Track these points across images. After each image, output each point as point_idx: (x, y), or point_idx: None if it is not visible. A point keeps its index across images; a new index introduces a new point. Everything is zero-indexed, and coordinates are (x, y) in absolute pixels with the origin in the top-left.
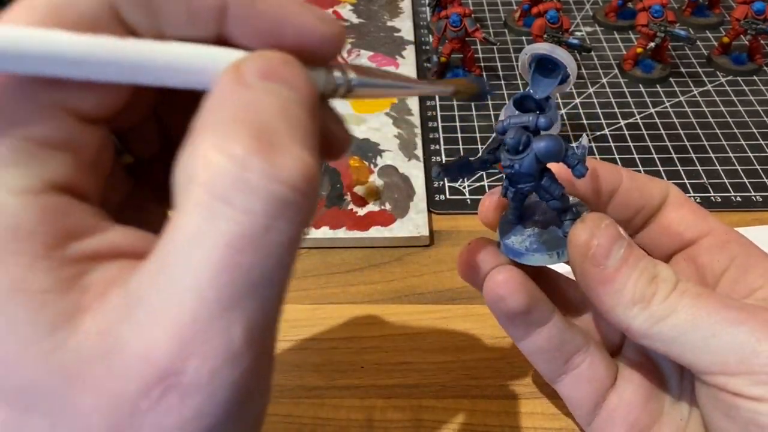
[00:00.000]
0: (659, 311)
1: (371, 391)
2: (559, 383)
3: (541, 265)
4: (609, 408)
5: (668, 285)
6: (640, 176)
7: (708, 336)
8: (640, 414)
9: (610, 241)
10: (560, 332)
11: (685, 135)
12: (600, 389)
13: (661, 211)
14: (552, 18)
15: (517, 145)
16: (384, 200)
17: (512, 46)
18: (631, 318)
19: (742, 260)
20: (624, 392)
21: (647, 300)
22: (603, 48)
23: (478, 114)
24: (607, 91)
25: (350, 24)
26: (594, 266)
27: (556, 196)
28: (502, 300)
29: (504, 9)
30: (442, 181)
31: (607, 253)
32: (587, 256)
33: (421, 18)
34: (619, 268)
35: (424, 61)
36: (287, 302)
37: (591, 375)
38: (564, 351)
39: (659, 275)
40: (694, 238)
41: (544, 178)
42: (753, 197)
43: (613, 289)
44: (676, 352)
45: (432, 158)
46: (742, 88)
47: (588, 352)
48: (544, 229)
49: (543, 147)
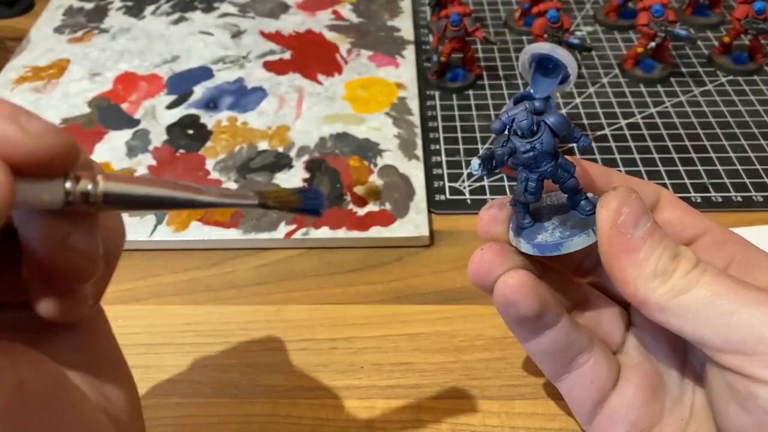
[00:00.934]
0: (680, 284)
1: (371, 391)
2: (561, 382)
3: (582, 247)
4: (610, 408)
5: (690, 262)
6: (631, 179)
7: (726, 313)
8: (641, 414)
9: (639, 212)
10: (567, 334)
11: (685, 135)
12: (602, 389)
13: (655, 213)
14: (552, 17)
15: (531, 125)
16: (384, 200)
17: (512, 45)
18: (651, 290)
19: (743, 258)
20: (625, 392)
21: (669, 274)
22: (603, 48)
23: (478, 114)
24: (608, 91)
25: (350, 24)
26: (621, 234)
27: (572, 172)
28: (513, 305)
29: (504, 8)
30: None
31: (635, 222)
32: (616, 223)
33: (421, 17)
34: (645, 239)
35: (424, 61)
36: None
37: (594, 374)
38: (569, 352)
39: (681, 254)
40: (691, 238)
41: (559, 157)
42: (754, 197)
43: (638, 259)
44: (691, 328)
45: (432, 158)
46: (742, 87)
47: (592, 352)
48: (563, 218)
49: (556, 120)
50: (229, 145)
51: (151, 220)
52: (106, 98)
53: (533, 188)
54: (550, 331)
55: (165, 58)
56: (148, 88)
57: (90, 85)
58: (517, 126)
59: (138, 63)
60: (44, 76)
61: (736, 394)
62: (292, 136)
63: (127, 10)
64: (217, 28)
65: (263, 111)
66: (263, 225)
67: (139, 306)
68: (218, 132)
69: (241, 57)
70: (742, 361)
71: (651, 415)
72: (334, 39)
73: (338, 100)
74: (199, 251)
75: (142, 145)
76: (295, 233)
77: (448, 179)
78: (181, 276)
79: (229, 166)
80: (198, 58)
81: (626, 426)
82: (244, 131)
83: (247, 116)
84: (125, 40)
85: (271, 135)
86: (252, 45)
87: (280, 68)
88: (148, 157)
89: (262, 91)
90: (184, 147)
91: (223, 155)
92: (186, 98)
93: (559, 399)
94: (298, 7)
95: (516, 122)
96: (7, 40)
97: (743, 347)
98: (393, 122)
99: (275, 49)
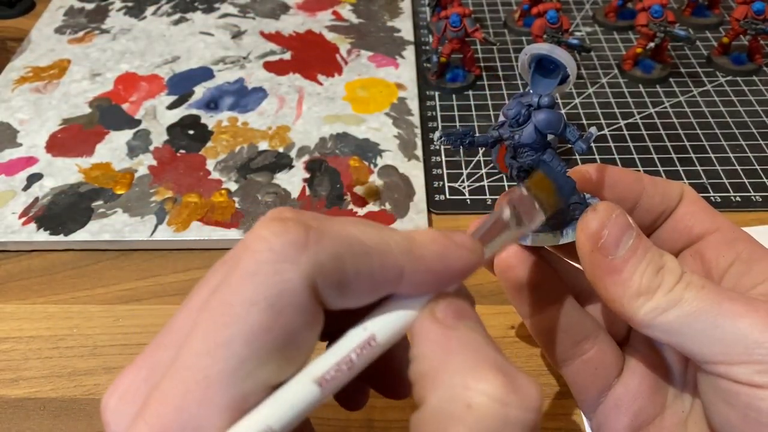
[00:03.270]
0: (663, 302)
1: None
2: (565, 367)
3: (547, 245)
4: (614, 396)
5: (673, 276)
6: (659, 180)
7: (711, 327)
8: (645, 404)
9: (620, 231)
10: (569, 314)
11: (684, 135)
12: (606, 377)
13: (675, 210)
14: (552, 18)
15: (517, 116)
16: (384, 200)
17: (512, 46)
18: (635, 308)
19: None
20: (630, 382)
21: (652, 291)
22: (603, 48)
23: (478, 114)
24: (607, 92)
25: (350, 24)
26: (603, 256)
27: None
28: (510, 269)
29: (504, 9)
30: (443, 144)
31: (616, 243)
32: (597, 245)
33: (421, 18)
34: (627, 258)
35: (424, 62)
36: None
37: (598, 362)
38: (572, 333)
39: (665, 266)
40: (701, 234)
41: (546, 152)
42: (752, 197)
43: (621, 280)
44: (678, 342)
45: (432, 158)
46: (741, 88)
47: (597, 340)
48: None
49: (542, 118)
50: (229, 145)
51: (151, 220)
52: (106, 98)
53: (515, 176)
54: (551, 307)
55: (165, 58)
56: (148, 89)
57: (91, 85)
58: (505, 112)
59: (139, 63)
60: (45, 76)
61: (721, 392)
62: (292, 137)
63: (127, 10)
64: (217, 29)
65: (263, 111)
66: None
67: (140, 305)
68: (219, 132)
69: (241, 57)
70: (728, 369)
71: (654, 406)
72: (334, 39)
73: (338, 101)
74: (200, 251)
75: (143, 146)
76: None
77: (447, 179)
78: (182, 276)
79: (229, 166)
80: (198, 59)
81: (629, 416)
82: (244, 131)
83: (247, 116)
84: (126, 41)
85: (271, 135)
86: (252, 45)
87: (281, 69)
88: (148, 157)
89: (263, 91)
90: (185, 147)
91: (223, 155)
92: (186, 98)
93: (559, 399)
94: (298, 7)
95: (506, 108)
96: (8, 40)
97: (729, 358)
98: (393, 122)
99: (275, 49)
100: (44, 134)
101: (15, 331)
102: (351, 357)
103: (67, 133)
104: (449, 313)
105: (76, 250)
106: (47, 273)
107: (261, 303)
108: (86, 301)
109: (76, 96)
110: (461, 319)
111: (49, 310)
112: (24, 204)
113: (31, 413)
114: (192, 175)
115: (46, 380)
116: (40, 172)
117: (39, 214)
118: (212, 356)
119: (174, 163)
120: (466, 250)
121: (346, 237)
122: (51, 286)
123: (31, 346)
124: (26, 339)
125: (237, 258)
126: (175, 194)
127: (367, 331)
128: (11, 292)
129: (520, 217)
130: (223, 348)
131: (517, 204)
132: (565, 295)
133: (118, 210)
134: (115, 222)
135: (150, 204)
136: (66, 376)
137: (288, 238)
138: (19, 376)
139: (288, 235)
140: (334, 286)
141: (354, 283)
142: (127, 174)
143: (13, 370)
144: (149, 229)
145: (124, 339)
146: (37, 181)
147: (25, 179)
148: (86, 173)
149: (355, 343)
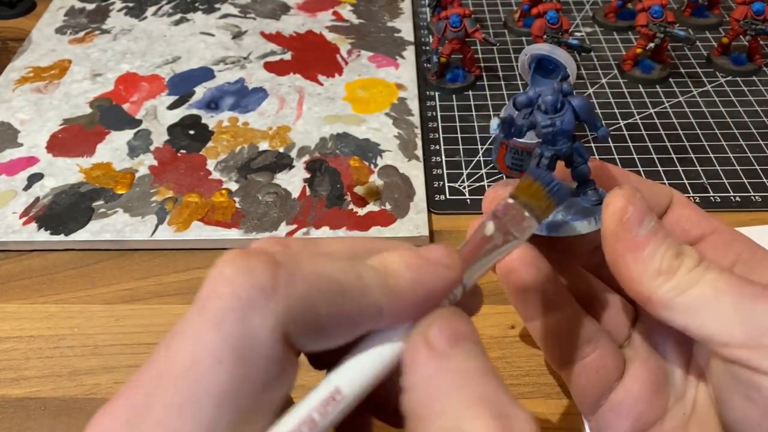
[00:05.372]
0: (684, 281)
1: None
2: (566, 370)
3: (583, 233)
4: (615, 400)
5: (693, 260)
6: (646, 181)
7: (732, 309)
8: (646, 408)
9: (643, 211)
10: (571, 318)
11: (684, 135)
12: (607, 380)
13: (667, 213)
14: (552, 18)
15: (556, 102)
16: (384, 200)
17: (512, 46)
18: (656, 287)
19: (748, 257)
20: (631, 386)
21: (673, 271)
22: (602, 48)
23: (477, 114)
24: (607, 92)
25: (350, 24)
26: (626, 231)
27: (587, 158)
28: (512, 272)
29: (504, 9)
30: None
31: (640, 221)
32: (622, 220)
33: (421, 18)
34: (649, 237)
35: (424, 62)
36: None
37: (599, 365)
38: (574, 337)
39: (685, 252)
40: (699, 237)
41: (576, 140)
42: (752, 197)
43: (642, 257)
44: (696, 324)
45: (432, 158)
46: (741, 88)
47: (598, 343)
48: (568, 203)
49: (580, 102)
50: (230, 145)
51: (152, 220)
52: (107, 99)
53: (545, 165)
54: (554, 311)
55: (166, 58)
56: (149, 89)
57: (91, 85)
58: (542, 101)
59: (139, 63)
60: (46, 76)
61: (740, 386)
62: (292, 137)
63: (128, 10)
64: (218, 29)
65: (264, 111)
66: (264, 225)
67: (140, 305)
68: (219, 132)
69: (242, 58)
70: (748, 354)
71: (655, 409)
72: (334, 40)
73: (338, 101)
74: (201, 251)
75: (144, 146)
76: (296, 233)
77: (447, 179)
78: (182, 275)
79: (230, 166)
80: (199, 59)
81: (630, 419)
82: (245, 131)
83: (247, 116)
84: (126, 41)
85: (271, 135)
86: (253, 46)
87: (281, 69)
88: (149, 158)
89: (263, 91)
90: (186, 147)
91: (224, 155)
92: (187, 99)
93: (559, 399)
94: (298, 8)
95: (542, 97)
96: (9, 40)
97: (748, 341)
98: (393, 123)
99: (276, 49)
100: (45, 134)
101: (16, 330)
102: (313, 417)
103: (67, 133)
104: (442, 339)
105: (77, 250)
106: (48, 273)
107: (228, 357)
108: (87, 301)
109: (76, 96)
110: (456, 344)
111: (49, 309)
112: (25, 204)
113: (32, 413)
114: (192, 175)
115: (46, 380)
116: (40, 172)
117: (40, 213)
118: (182, 417)
119: (174, 163)
120: (441, 266)
121: (318, 277)
122: (52, 285)
123: (31, 345)
124: (27, 339)
125: (203, 302)
126: (176, 194)
127: (331, 385)
128: (12, 292)
129: (507, 229)
130: (192, 407)
131: (502, 214)
132: (567, 299)
133: (119, 210)
134: (116, 222)
135: (150, 204)
136: (67, 376)
137: (254, 281)
138: (20, 375)
139: (254, 277)
140: (308, 331)
141: (329, 326)
142: (127, 174)
143: (13, 369)
144: (150, 229)
145: (125, 339)
146: (38, 181)
147: (26, 179)
148: (87, 173)
149: (317, 401)
